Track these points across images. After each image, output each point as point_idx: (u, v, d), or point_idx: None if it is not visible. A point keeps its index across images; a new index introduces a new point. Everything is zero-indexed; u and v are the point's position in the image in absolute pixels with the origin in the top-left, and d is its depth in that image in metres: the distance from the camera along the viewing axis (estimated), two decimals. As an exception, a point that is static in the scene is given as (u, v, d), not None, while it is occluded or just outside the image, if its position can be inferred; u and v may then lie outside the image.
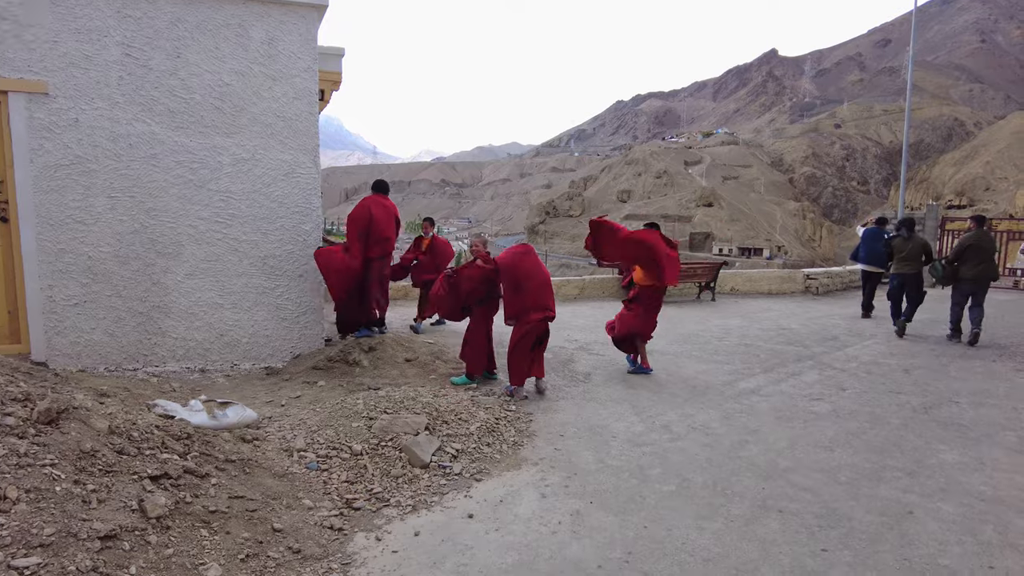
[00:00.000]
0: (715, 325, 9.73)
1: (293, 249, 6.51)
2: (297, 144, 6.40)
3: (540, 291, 5.72)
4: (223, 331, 6.38)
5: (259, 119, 6.26)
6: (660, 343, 8.16)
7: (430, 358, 6.39)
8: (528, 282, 5.67)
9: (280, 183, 6.39)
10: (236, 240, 6.32)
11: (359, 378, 5.91)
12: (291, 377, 6.08)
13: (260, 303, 6.47)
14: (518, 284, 5.68)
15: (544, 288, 5.77)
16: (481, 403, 5.11)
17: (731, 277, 14.12)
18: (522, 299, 5.67)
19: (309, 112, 6.41)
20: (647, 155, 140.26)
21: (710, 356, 7.52)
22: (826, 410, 5.52)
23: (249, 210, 6.32)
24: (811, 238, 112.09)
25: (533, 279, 5.72)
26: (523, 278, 5.69)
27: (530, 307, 5.66)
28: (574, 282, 12.68)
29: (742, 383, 6.36)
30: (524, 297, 5.67)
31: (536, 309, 5.65)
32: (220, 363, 6.40)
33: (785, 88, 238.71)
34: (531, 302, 5.65)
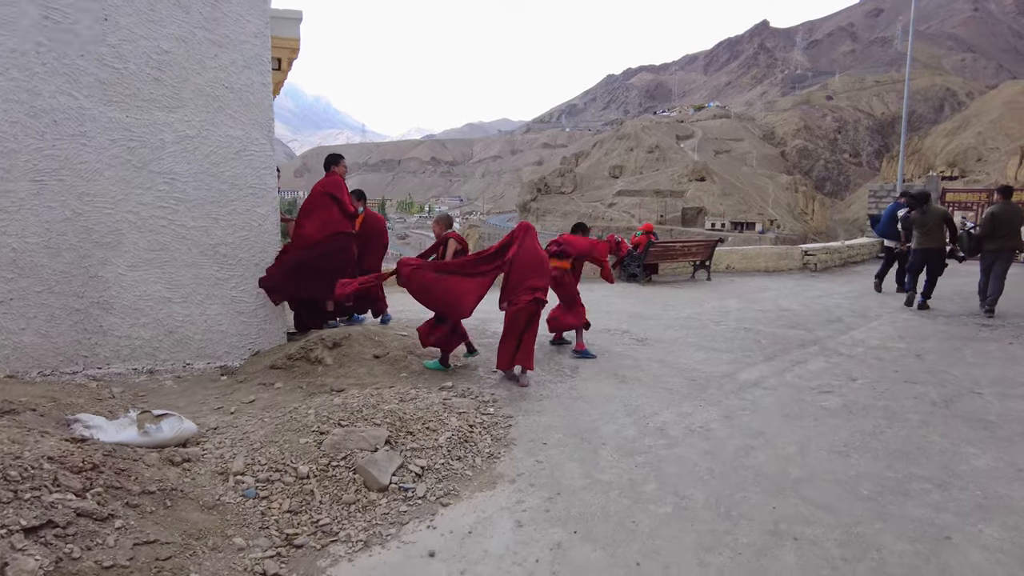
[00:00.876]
0: (712, 307, 9.19)
1: (248, 235, 5.89)
2: (249, 118, 5.75)
3: (529, 271, 5.49)
4: (172, 328, 5.78)
5: (204, 91, 5.59)
6: (655, 329, 7.62)
7: (402, 353, 5.82)
8: (519, 261, 5.50)
9: (231, 162, 5.75)
10: (183, 227, 5.69)
11: (322, 378, 5.34)
12: (247, 378, 5.51)
13: (213, 296, 5.87)
14: (512, 264, 5.52)
15: (534, 269, 5.53)
16: (454, 407, 4.56)
17: (727, 255, 13.58)
18: (513, 278, 5.50)
19: (261, 83, 5.75)
20: (639, 130, 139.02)
21: (708, 343, 6.98)
22: (837, 405, 5.00)
23: (197, 193, 5.69)
24: (803, 211, 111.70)
25: (525, 258, 5.53)
26: (516, 257, 5.52)
27: (519, 287, 5.45)
28: (563, 263, 12.09)
29: (743, 374, 5.83)
30: (514, 276, 5.50)
31: (525, 290, 5.42)
32: (171, 363, 5.81)
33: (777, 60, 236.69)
34: (520, 282, 5.46)
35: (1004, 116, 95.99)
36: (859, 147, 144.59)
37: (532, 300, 5.43)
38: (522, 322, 5.43)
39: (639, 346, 6.80)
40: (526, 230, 5.81)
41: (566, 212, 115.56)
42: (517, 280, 5.49)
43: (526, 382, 5.44)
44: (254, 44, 5.67)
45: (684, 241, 12.51)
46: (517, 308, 5.41)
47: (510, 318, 5.46)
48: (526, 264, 5.54)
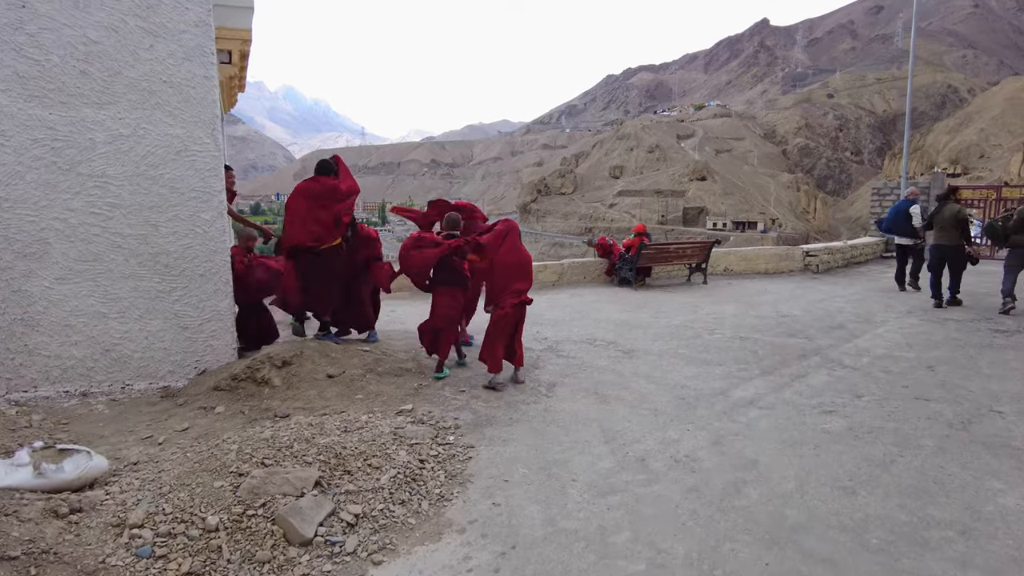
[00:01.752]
0: (706, 314, 8.65)
1: (191, 243, 5.37)
2: (191, 116, 5.23)
3: (514, 273, 5.43)
4: (109, 345, 5.26)
5: (139, 85, 5.08)
6: (644, 339, 7.08)
7: (360, 372, 5.29)
8: (503, 263, 5.41)
9: (171, 164, 5.23)
10: (119, 235, 5.17)
11: (268, 401, 4.82)
12: (188, 400, 4.98)
13: (154, 310, 5.35)
14: (495, 266, 5.45)
15: (518, 270, 5.46)
16: (407, 437, 4.02)
17: (724, 256, 13.04)
18: (498, 282, 5.43)
19: (204, 76, 5.22)
20: (639, 129, 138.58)
21: (700, 355, 6.44)
22: (840, 427, 4.46)
23: (133, 198, 5.17)
24: (805, 210, 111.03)
25: (509, 260, 5.43)
26: (500, 259, 5.42)
27: (505, 290, 5.38)
28: (552, 267, 11.57)
29: (737, 391, 5.29)
30: (498, 280, 5.43)
31: (511, 293, 5.36)
32: (108, 384, 5.29)
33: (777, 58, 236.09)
34: (505, 285, 5.38)
35: (1006, 112, 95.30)
36: (861, 145, 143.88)
37: (518, 304, 5.39)
38: (510, 326, 5.38)
39: (625, 359, 6.26)
40: (510, 229, 5.55)
41: (566, 213, 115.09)
42: (502, 283, 5.40)
43: (522, 378, 5.50)
44: (195, 34, 5.15)
45: (679, 243, 11.97)
46: (504, 313, 5.32)
47: (495, 322, 5.37)
48: (510, 266, 5.43)
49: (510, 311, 5.32)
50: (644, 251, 10.95)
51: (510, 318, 5.34)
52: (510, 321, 5.36)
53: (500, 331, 5.35)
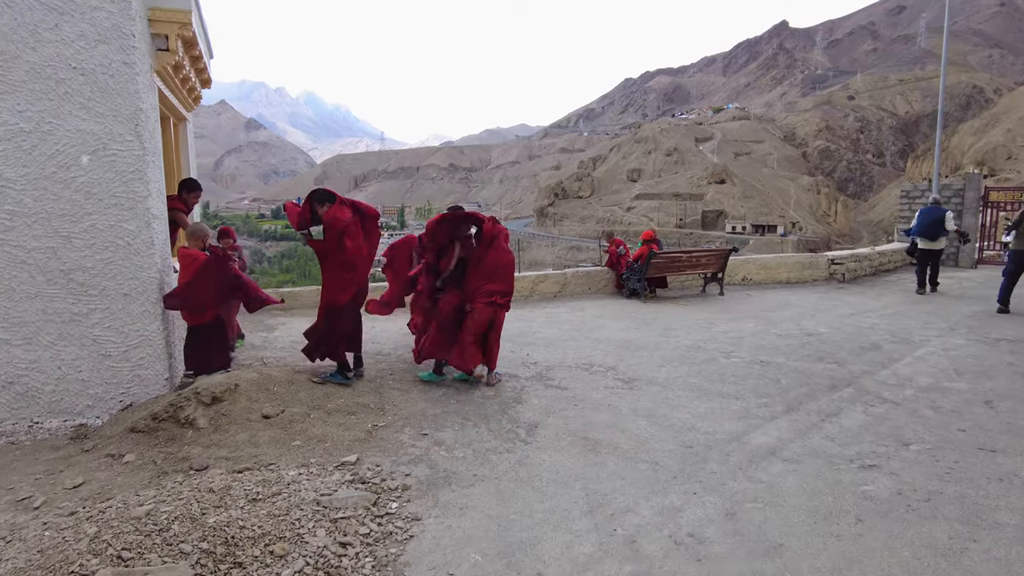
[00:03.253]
0: (722, 332, 7.71)
1: (112, 258, 4.58)
2: (107, 108, 4.44)
3: (492, 274, 5.47)
4: (12, 377, 4.49)
5: (42, 72, 4.30)
6: (649, 364, 6.18)
7: (304, 410, 4.46)
8: (487, 263, 5.49)
9: (84, 165, 4.45)
10: (21, 248, 4.40)
11: (188, 447, 4.00)
12: (98, 444, 4.19)
13: (67, 335, 4.56)
14: (479, 264, 5.52)
15: (497, 272, 5.49)
16: (333, 507, 3.17)
17: (743, 265, 12.07)
18: (474, 282, 5.50)
19: (122, 62, 4.44)
20: (657, 132, 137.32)
21: (713, 385, 5.53)
22: (887, 491, 3.54)
23: (38, 205, 4.39)
24: (826, 213, 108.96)
25: (491, 261, 5.50)
26: (484, 259, 5.49)
27: (479, 291, 5.43)
28: (553, 277, 10.68)
29: (757, 435, 4.38)
30: (475, 280, 5.49)
31: (483, 294, 5.41)
32: (11, 422, 4.51)
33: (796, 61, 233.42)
34: (480, 286, 5.44)
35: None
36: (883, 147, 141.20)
37: (489, 304, 5.41)
38: (483, 325, 5.43)
39: (624, 390, 5.36)
40: (497, 233, 5.57)
41: (584, 216, 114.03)
42: (477, 284, 5.45)
43: (495, 380, 5.51)
44: (109, 12, 4.37)
45: (692, 251, 11.04)
46: (474, 312, 5.39)
47: (470, 321, 5.38)
48: (490, 267, 5.47)
49: (480, 310, 5.39)
50: (654, 260, 10.03)
51: (482, 315, 5.41)
52: (482, 319, 5.41)
53: (474, 330, 5.40)
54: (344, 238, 5.06)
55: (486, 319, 5.41)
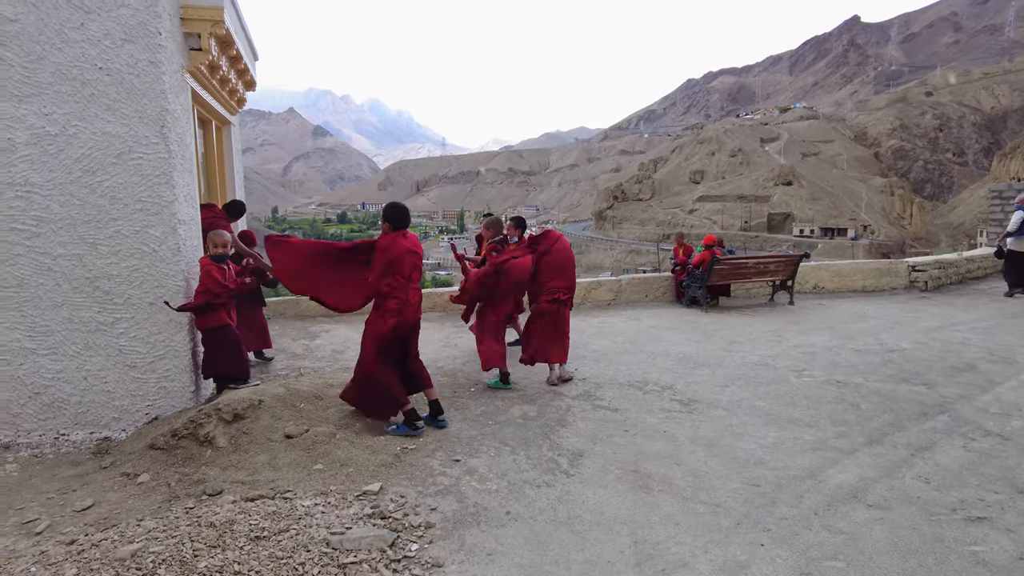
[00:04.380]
0: (792, 347, 7.04)
1: (138, 265, 4.40)
2: (134, 110, 4.27)
3: (555, 272, 5.64)
4: (39, 388, 4.36)
5: (68, 73, 4.16)
6: (710, 384, 5.62)
7: (331, 430, 4.14)
8: (547, 262, 5.65)
9: (110, 169, 4.29)
10: (48, 255, 4.27)
11: (205, 468, 3.75)
12: (116, 461, 3.99)
13: (93, 345, 4.41)
14: (542, 262, 5.70)
15: (560, 269, 5.66)
16: (344, 549, 2.81)
17: (814, 272, 11.21)
18: (539, 279, 5.69)
19: (150, 62, 4.26)
20: (720, 133, 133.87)
21: (783, 410, 4.93)
22: (1004, 556, 2.91)
23: (64, 211, 4.25)
24: (900, 216, 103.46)
25: (553, 260, 5.67)
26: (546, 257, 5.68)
27: (543, 288, 5.66)
28: (607, 284, 10.15)
29: (835, 472, 3.79)
30: (540, 277, 5.68)
31: (547, 291, 5.61)
32: (38, 433, 4.39)
33: (868, 57, 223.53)
34: (544, 283, 5.66)
35: None
36: (964, 145, 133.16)
37: (552, 301, 5.53)
38: (547, 322, 5.55)
39: (682, 414, 4.83)
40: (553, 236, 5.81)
41: (644, 219, 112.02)
42: (543, 281, 5.60)
43: (556, 380, 5.59)
44: (135, 9, 4.19)
45: (759, 256, 10.29)
46: (539, 308, 5.57)
47: (536, 316, 5.60)
48: (552, 265, 5.61)
49: (545, 307, 5.57)
50: (717, 267, 9.37)
51: (547, 313, 5.57)
52: (547, 317, 5.57)
53: (543, 325, 5.61)
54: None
55: (553, 315, 5.54)
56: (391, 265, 4.27)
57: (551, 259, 5.66)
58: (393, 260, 4.27)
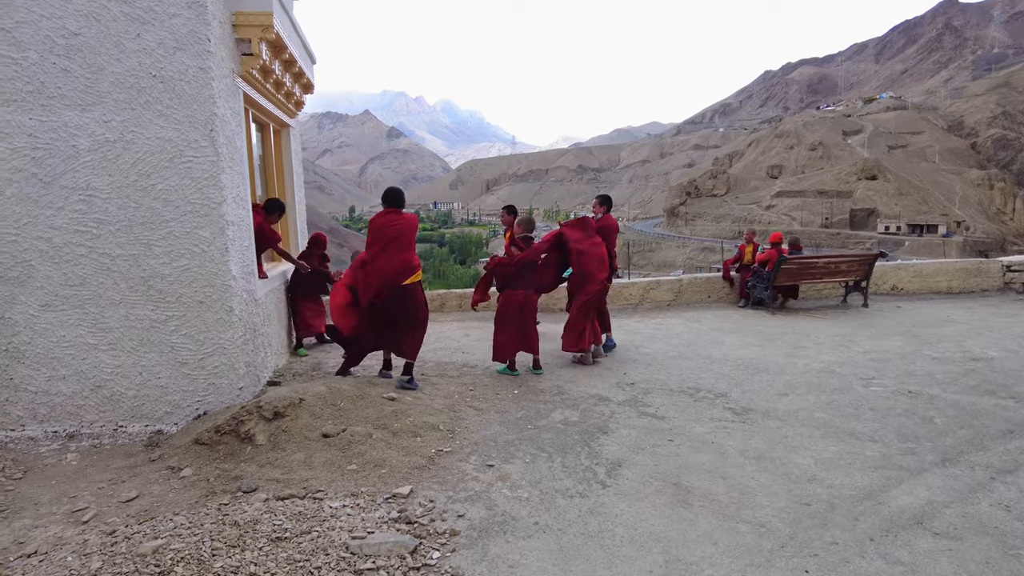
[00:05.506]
0: (862, 352, 6.58)
1: (188, 265, 4.55)
2: (184, 115, 4.41)
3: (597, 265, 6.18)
4: (100, 381, 4.58)
5: (126, 82, 4.33)
6: (768, 391, 5.31)
7: (367, 430, 4.14)
8: (589, 255, 6.15)
9: (163, 172, 4.44)
10: (107, 255, 4.47)
11: (243, 465, 3.82)
12: (162, 455, 4.14)
13: (147, 342, 4.59)
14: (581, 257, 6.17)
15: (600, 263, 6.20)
16: (364, 554, 2.78)
17: (893, 272, 10.50)
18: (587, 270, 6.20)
19: (199, 68, 4.38)
20: (799, 126, 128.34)
21: (845, 422, 4.59)
22: (1093, 595, 2.57)
23: (121, 213, 4.44)
24: (1000, 211, 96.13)
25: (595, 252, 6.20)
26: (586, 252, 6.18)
27: (592, 279, 6.14)
28: (667, 284, 9.84)
29: (898, 494, 3.47)
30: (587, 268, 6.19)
31: (595, 281, 6.12)
32: (100, 424, 4.61)
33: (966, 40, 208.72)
34: (593, 274, 6.15)
35: None
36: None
37: (600, 290, 6.16)
38: (593, 308, 6.18)
39: (734, 424, 4.58)
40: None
41: (718, 216, 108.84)
42: (591, 272, 6.08)
43: (601, 356, 6.40)
44: (186, 18, 4.32)
45: (830, 256, 9.70)
46: (588, 298, 6.02)
47: (581, 306, 6.05)
48: (594, 258, 6.13)
49: (593, 295, 6.07)
50: (784, 266, 8.91)
51: (594, 300, 6.12)
52: (594, 304, 6.15)
53: (585, 313, 6.10)
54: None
55: (599, 302, 6.24)
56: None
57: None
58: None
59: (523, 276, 5.86)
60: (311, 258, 6.92)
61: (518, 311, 5.77)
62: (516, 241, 6.08)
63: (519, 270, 5.86)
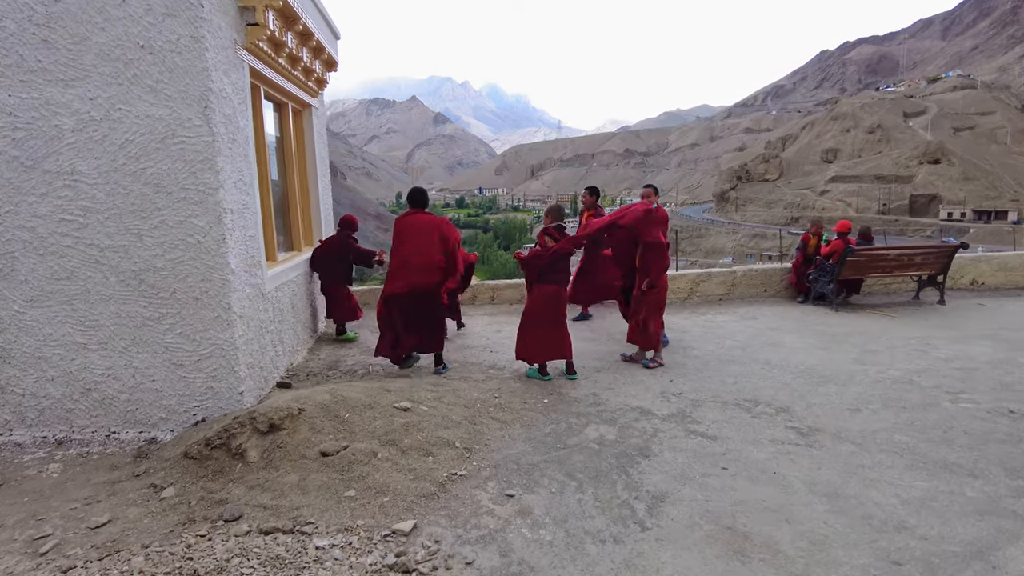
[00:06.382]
0: (944, 359, 5.77)
1: (182, 257, 4.11)
2: (176, 90, 3.95)
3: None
4: (90, 383, 4.21)
5: (111, 54, 3.89)
6: (837, 408, 4.60)
7: (372, 446, 3.64)
8: (661, 242, 5.73)
9: (154, 155, 4.00)
10: (95, 247, 4.07)
11: (231, 485, 3.37)
12: (148, 470, 3.73)
13: (140, 341, 4.19)
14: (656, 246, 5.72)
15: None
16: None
17: (972, 265, 9.49)
18: (663, 262, 5.79)
19: (191, 37, 3.91)
20: (857, 108, 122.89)
21: (935, 448, 3.86)
22: None
23: (109, 200, 4.03)
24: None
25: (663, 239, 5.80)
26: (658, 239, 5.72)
27: (663, 270, 5.76)
28: (718, 276, 9.07)
29: (1017, 553, 2.77)
30: (663, 259, 5.79)
31: (663, 271, 5.75)
32: (91, 430, 4.25)
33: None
34: (664, 266, 5.78)
35: None
36: None
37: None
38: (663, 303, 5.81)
39: (799, 448, 3.90)
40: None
41: (770, 201, 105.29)
42: (664, 264, 5.70)
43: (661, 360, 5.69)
44: (175, -22, 3.85)
45: (904, 248, 8.76)
46: (661, 290, 5.68)
47: (658, 300, 5.69)
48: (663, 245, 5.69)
49: (665, 286, 5.76)
50: (851, 258, 8.05)
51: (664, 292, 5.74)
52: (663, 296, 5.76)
53: (660, 309, 5.75)
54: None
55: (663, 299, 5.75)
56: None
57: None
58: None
59: (557, 269, 5.30)
60: (345, 240, 6.56)
61: (549, 308, 5.21)
62: (549, 230, 5.47)
63: (552, 262, 5.29)
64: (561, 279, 5.33)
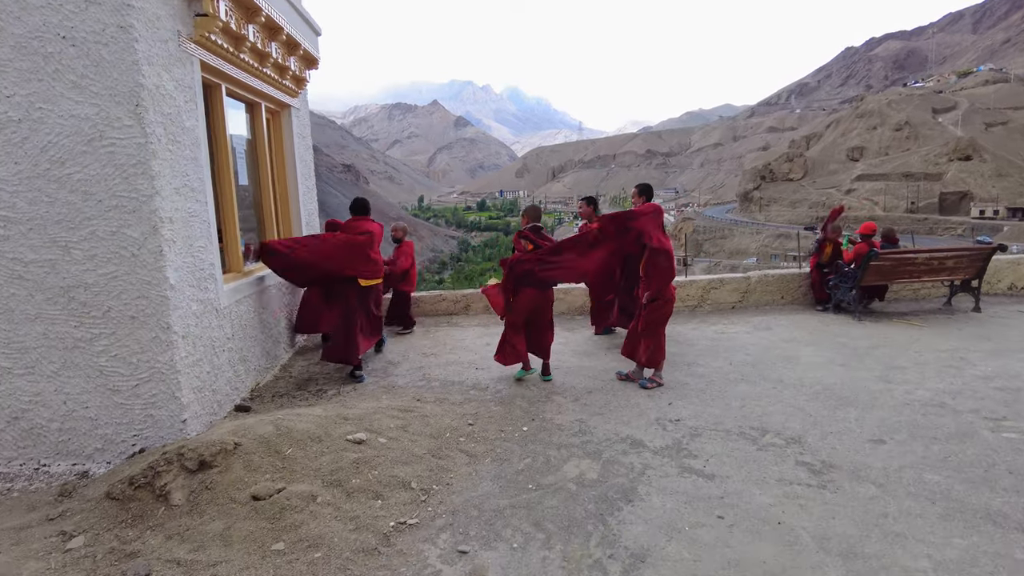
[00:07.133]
0: (982, 377, 5.14)
1: (116, 272, 3.70)
2: (103, 86, 3.54)
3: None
4: (17, 412, 3.82)
5: (28, 46, 3.50)
6: (856, 437, 4.03)
7: (310, 492, 3.17)
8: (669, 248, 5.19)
9: (80, 159, 3.60)
10: (18, 261, 3.68)
11: (150, 532, 2.94)
12: (65, 512, 3.30)
13: (71, 364, 3.79)
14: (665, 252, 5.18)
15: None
16: None
17: (1009, 268, 8.77)
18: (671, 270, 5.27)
19: (118, 27, 3.49)
20: (883, 105, 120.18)
21: (974, 491, 3.28)
22: None
23: (32, 209, 3.63)
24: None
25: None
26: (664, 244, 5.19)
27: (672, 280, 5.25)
28: (731, 283, 8.48)
29: (1079, 640, 2.21)
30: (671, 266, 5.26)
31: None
32: (19, 463, 3.86)
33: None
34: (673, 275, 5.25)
35: None
36: None
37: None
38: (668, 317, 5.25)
39: (811, 491, 3.35)
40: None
41: (794, 201, 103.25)
42: (672, 274, 5.14)
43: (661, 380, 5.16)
44: (98, -41, 3.43)
45: (933, 250, 8.07)
46: (668, 303, 5.17)
47: (662, 314, 5.16)
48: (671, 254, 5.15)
49: (673, 299, 5.23)
50: (875, 263, 7.42)
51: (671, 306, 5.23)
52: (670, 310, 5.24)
53: (662, 322, 5.20)
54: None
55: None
56: None
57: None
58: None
59: (543, 269, 5.06)
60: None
61: (533, 309, 5.18)
62: (525, 233, 5.15)
63: (538, 264, 5.02)
64: (546, 281, 5.08)
